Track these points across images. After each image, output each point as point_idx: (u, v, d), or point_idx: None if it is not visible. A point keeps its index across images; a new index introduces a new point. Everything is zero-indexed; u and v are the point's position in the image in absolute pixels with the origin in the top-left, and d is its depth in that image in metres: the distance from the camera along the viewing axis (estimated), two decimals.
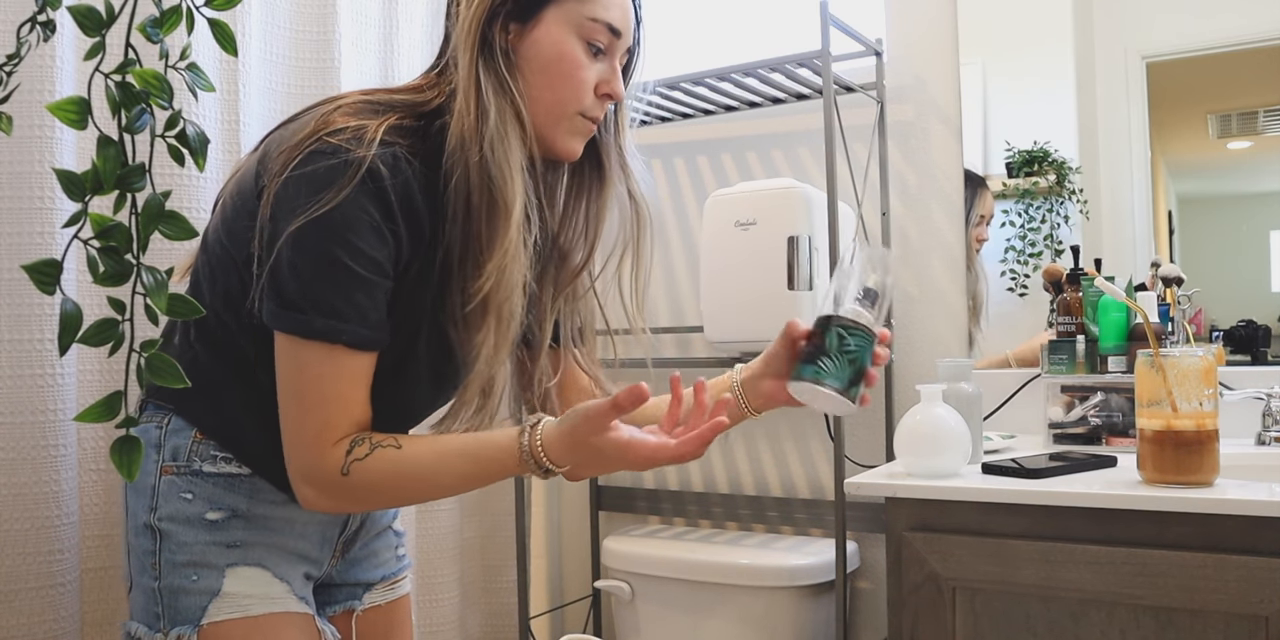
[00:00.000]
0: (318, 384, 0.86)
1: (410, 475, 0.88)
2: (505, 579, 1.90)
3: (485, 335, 0.92)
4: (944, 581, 1.21)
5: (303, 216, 0.83)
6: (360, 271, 0.85)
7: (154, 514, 0.94)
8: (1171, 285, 1.57)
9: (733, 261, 1.71)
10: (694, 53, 2.03)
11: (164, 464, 0.95)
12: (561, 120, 0.95)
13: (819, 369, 0.93)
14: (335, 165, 0.84)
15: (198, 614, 0.92)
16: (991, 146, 1.77)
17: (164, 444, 0.95)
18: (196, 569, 0.93)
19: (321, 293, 0.84)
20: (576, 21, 0.92)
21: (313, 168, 0.84)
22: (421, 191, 0.90)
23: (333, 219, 0.83)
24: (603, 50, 0.95)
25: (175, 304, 0.55)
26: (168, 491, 0.94)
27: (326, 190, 0.83)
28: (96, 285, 0.54)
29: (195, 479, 0.95)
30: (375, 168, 0.85)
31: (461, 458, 0.89)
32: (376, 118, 0.89)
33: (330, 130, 0.86)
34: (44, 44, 1.11)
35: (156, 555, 0.93)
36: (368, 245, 0.85)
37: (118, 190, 0.55)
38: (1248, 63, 1.57)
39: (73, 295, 1.23)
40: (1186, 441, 1.12)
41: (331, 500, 0.89)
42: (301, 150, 0.85)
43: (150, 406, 0.98)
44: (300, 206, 0.84)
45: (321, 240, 0.84)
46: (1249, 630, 1.06)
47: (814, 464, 1.93)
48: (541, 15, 0.91)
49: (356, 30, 1.66)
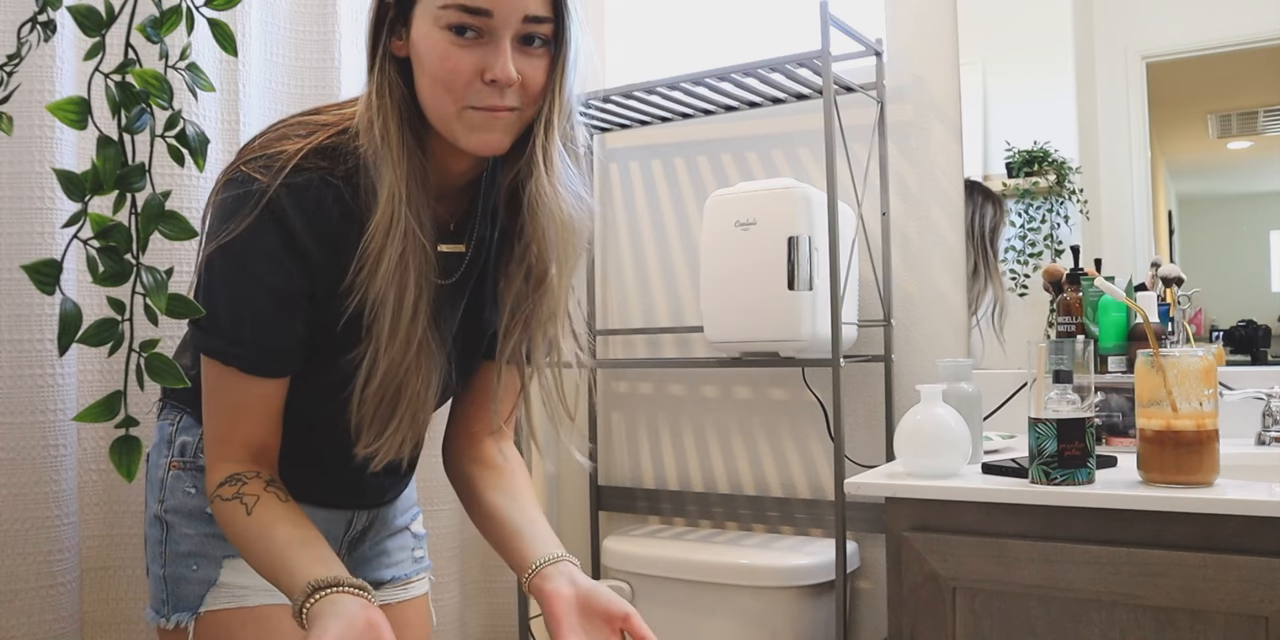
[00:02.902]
0: (218, 398, 0.91)
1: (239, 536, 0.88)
2: (505, 579, 1.90)
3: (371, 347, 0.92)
4: (944, 581, 1.21)
5: (212, 243, 0.87)
6: (258, 300, 0.88)
7: (161, 506, 1.00)
8: (1171, 285, 1.57)
9: (733, 261, 1.71)
10: (694, 53, 2.03)
11: (173, 459, 1.01)
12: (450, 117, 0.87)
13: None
14: (240, 195, 0.86)
15: (196, 602, 0.97)
16: (991, 146, 1.77)
17: (174, 440, 1.02)
18: (196, 559, 0.98)
19: (220, 316, 0.88)
20: (433, 13, 0.85)
21: (224, 195, 0.87)
22: (343, 212, 0.88)
23: (234, 248, 0.86)
24: (478, 33, 0.84)
25: (175, 304, 0.55)
26: (174, 485, 1.00)
27: (231, 219, 0.86)
28: (96, 285, 0.54)
29: (199, 474, 0.99)
30: (276, 198, 0.85)
31: (268, 555, 0.85)
32: (300, 141, 0.88)
33: (246, 159, 0.88)
34: (44, 44, 1.11)
35: (164, 545, 0.99)
36: (267, 274, 0.87)
37: (118, 190, 0.55)
38: (1248, 63, 1.57)
39: (73, 295, 1.23)
40: (1186, 441, 1.12)
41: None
42: (224, 177, 0.89)
43: (169, 406, 1.05)
44: (213, 232, 0.87)
45: (224, 267, 0.87)
46: (1249, 630, 1.06)
47: (814, 464, 1.93)
48: (413, 17, 0.87)
49: (356, 30, 1.66)
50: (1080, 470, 1.16)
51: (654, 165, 2.11)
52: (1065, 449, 1.16)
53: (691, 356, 2.03)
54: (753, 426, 1.99)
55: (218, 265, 0.87)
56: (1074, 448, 1.16)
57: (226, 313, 0.88)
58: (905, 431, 1.30)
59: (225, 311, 0.88)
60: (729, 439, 2.02)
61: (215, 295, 0.88)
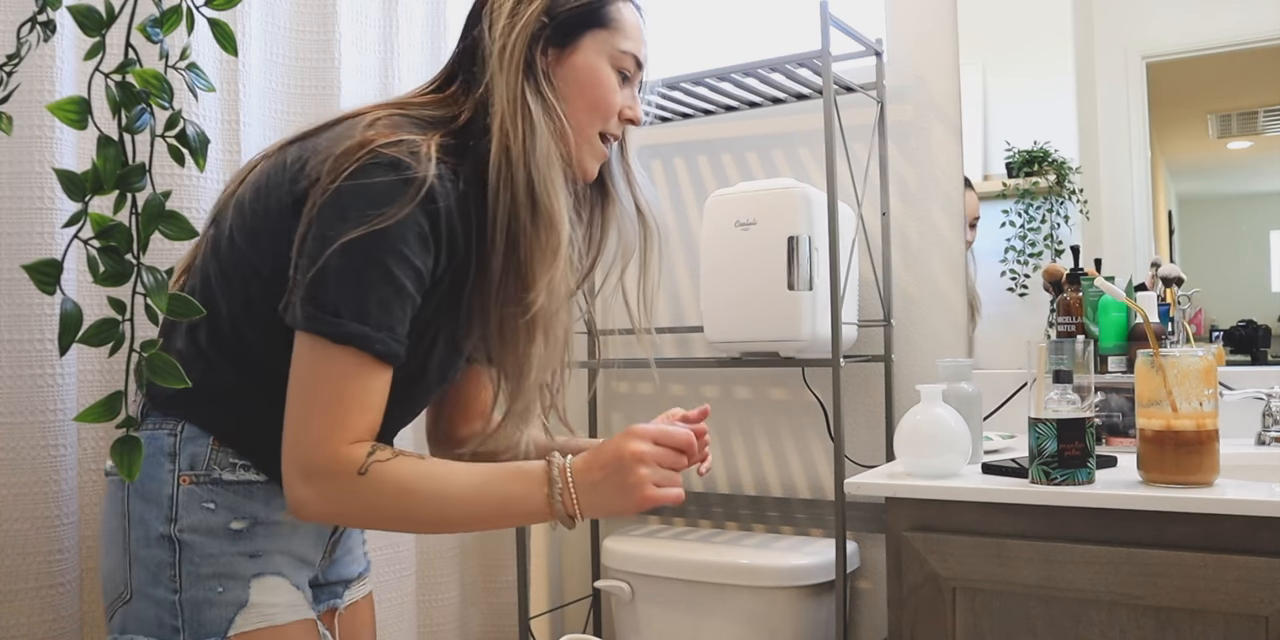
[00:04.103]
0: (339, 384, 0.86)
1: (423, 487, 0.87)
2: (505, 579, 1.90)
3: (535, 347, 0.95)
4: (944, 581, 1.21)
5: (361, 227, 0.84)
6: (405, 286, 0.87)
7: (173, 525, 0.92)
8: (1171, 285, 1.57)
9: (733, 261, 1.71)
10: (694, 53, 2.03)
11: (182, 473, 0.93)
12: (588, 138, 1.00)
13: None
14: (396, 182, 0.85)
15: (224, 625, 0.91)
16: (991, 146, 1.77)
17: (179, 452, 0.93)
18: (222, 581, 0.91)
19: (362, 302, 0.85)
20: (610, 51, 0.99)
21: (370, 180, 0.85)
22: (459, 210, 0.92)
23: (390, 233, 0.85)
24: (628, 78, 1.02)
25: (175, 304, 0.55)
26: (188, 501, 0.92)
27: (387, 205, 0.85)
28: (96, 285, 0.54)
29: (216, 488, 0.93)
30: (434, 187, 0.87)
31: (477, 475, 0.89)
32: (419, 133, 0.90)
33: (384, 142, 0.87)
34: (44, 44, 1.11)
35: (175, 567, 0.91)
36: (418, 260, 0.88)
37: (118, 190, 0.55)
38: (1248, 63, 1.57)
39: (73, 295, 1.23)
40: (1186, 441, 1.12)
41: (331, 504, 0.87)
42: (353, 160, 0.86)
43: (154, 414, 0.96)
44: (354, 217, 0.84)
45: (375, 252, 0.85)
46: (1249, 630, 1.06)
47: (814, 464, 1.93)
48: (579, 43, 0.98)
49: (356, 30, 1.66)
50: (1080, 470, 1.16)
51: (654, 165, 2.11)
52: (1065, 449, 1.16)
53: (691, 356, 2.03)
54: (753, 426, 1.99)
55: (369, 249, 0.85)
56: (1074, 448, 1.16)
57: (375, 299, 0.85)
58: (905, 431, 1.30)
59: (374, 298, 0.85)
60: (729, 439, 2.02)
61: (364, 280, 0.85)
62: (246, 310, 0.93)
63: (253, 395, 0.93)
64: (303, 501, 0.86)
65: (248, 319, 0.93)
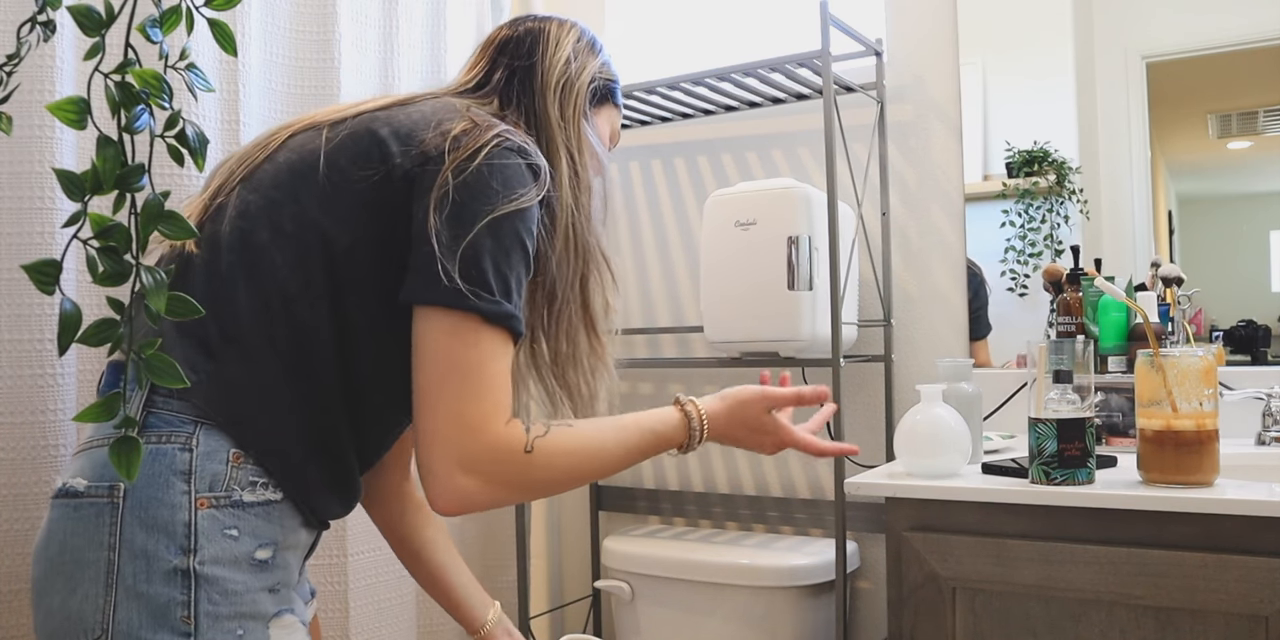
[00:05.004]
0: (490, 366, 0.83)
1: (585, 451, 0.90)
2: (505, 579, 1.90)
3: (590, 340, 1.02)
4: (944, 581, 1.21)
5: (507, 204, 0.86)
6: (529, 267, 0.90)
7: (193, 557, 0.80)
8: (1171, 285, 1.57)
9: (733, 261, 1.71)
10: (694, 53, 2.03)
11: (199, 496, 0.81)
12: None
13: None
14: (527, 166, 0.90)
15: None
16: (991, 146, 1.77)
17: (194, 471, 0.81)
18: (242, 622, 0.81)
19: (507, 280, 0.86)
20: (613, 125, 1.11)
21: (508, 162, 0.88)
22: None
23: (526, 215, 0.88)
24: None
25: (174, 304, 0.55)
26: (209, 529, 0.81)
27: (523, 187, 0.88)
28: (96, 285, 0.54)
29: (237, 511, 0.82)
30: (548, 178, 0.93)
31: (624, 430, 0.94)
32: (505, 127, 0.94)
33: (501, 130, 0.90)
34: (44, 44, 1.11)
35: (190, 606, 0.79)
36: (534, 244, 0.90)
37: (117, 190, 0.55)
38: (1248, 63, 1.57)
39: (72, 295, 1.23)
40: (1186, 441, 1.12)
41: (499, 488, 0.84)
42: (488, 142, 0.88)
43: (159, 423, 0.83)
44: (494, 196, 0.86)
45: (515, 231, 0.87)
46: (1249, 630, 1.06)
47: (814, 464, 1.93)
48: (601, 108, 1.08)
49: (356, 30, 1.66)
50: (1080, 470, 1.16)
51: (654, 165, 2.11)
52: (1065, 449, 1.16)
53: (691, 356, 2.03)
54: None
55: (508, 228, 0.86)
56: (1074, 448, 1.16)
57: (514, 277, 0.87)
58: (905, 431, 1.30)
59: (514, 276, 0.86)
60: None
61: (511, 259, 0.86)
62: (308, 293, 0.87)
63: (288, 392, 0.86)
64: (465, 493, 0.83)
65: (311, 305, 0.87)
